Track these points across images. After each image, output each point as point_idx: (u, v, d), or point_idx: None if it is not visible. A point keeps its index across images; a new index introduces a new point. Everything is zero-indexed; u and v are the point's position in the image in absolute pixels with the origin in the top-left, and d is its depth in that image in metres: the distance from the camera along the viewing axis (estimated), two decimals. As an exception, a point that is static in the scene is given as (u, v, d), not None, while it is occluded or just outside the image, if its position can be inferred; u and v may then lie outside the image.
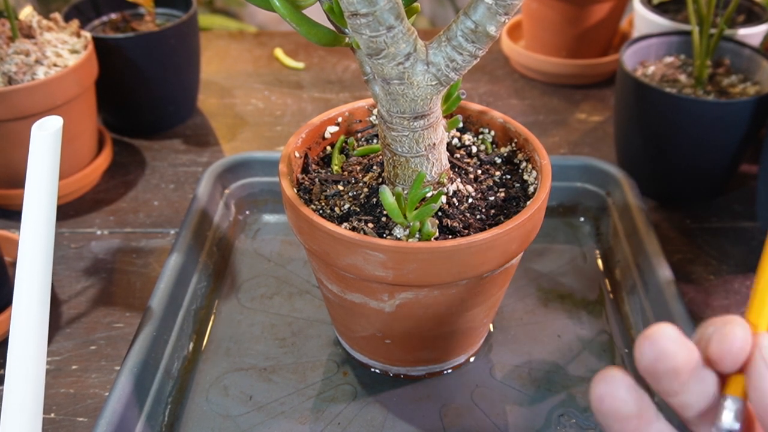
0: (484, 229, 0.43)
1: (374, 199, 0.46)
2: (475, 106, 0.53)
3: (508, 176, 0.50)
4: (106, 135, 0.77)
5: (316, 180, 0.49)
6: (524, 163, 0.50)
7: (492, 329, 0.56)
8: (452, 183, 0.46)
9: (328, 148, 0.53)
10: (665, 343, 0.27)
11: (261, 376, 0.53)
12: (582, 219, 0.67)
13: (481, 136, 0.53)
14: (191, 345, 0.55)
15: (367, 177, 0.48)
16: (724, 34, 0.72)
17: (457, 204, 0.46)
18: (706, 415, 0.29)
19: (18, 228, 0.64)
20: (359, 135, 0.54)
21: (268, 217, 0.68)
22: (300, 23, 0.41)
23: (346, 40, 0.43)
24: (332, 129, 0.53)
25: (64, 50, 0.68)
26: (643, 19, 0.81)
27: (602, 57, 0.92)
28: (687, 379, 0.28)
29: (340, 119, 0.53)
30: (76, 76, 0.66)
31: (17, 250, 0.39)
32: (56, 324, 0.58)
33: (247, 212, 0.69)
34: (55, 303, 0.60)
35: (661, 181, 0.70)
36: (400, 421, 0.49)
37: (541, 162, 0.47)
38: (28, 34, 0.68)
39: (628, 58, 0.72)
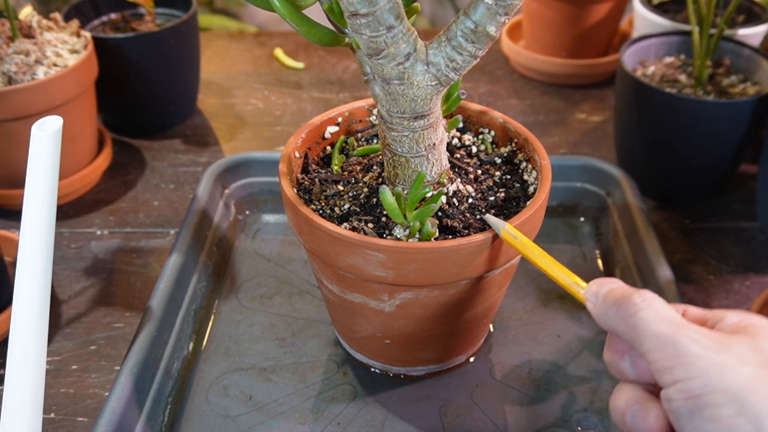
0: (484, 229, 0.43)
1: (374, 199, 0.46)
2: (475, 106, 0.53)
3: (508, 176, 0.50)
4: (106, 135, 0.77)
5: (316, 180, 0.49)
6: (524, 163, 0.50)
7: (492, 329, 0.56)
8: (452, 183, 0.46)
9: (328, 148, 0.53)
10: None
11: (261, 376, 0.53)
12: (582, 219, 0.67)
13: (481, 136, 0.53)
14: (191, 345, 0.55)
15: (367, 177, 0.48)
16: (724, 34, 0.72)
17: (457, 204, 0.46)
18: None
19: (18, 228, 0.64)
20: (359, 135, 0.54)
21: (268, 217, 0.68)
22: (300, 23, 0.41)
23: (346, 40, 0.43)
24: (332, 129, 0.53)
25: (64, 50, 0.68)
26: (643, 19, 0.81)
27: (602, 57, 0.92)
28: None
29: (340, 119, 0.53)
30: (76, 76, 0.66)
31: (17, 250, 0.39)
32: (56, 324, 0.58)
33: (247, 212, 0.69)
34: (55, 303, 0.60)
35: (661, 181, 0.70)
36: (400, 421, 0.49)
37: (541, 162, 0.47)
38: (28, 34, 0.68)
39: (628, 58, 0.72)
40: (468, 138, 0.52)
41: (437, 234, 0.44)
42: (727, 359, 0.30)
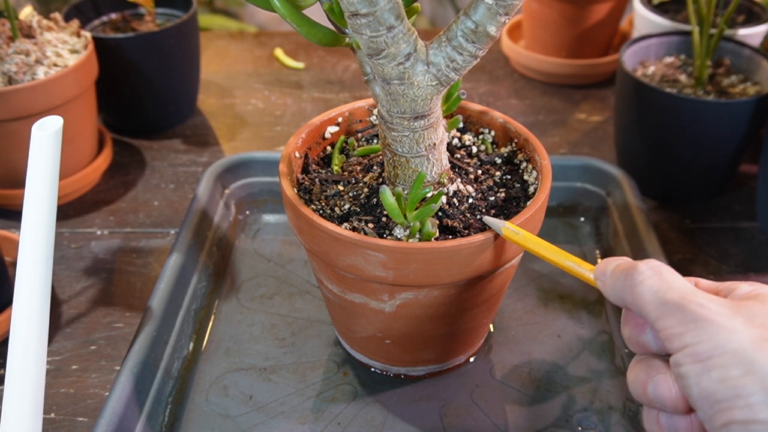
0: (485, 230, 0.43)
1: (374, 199, 0.46)
2: (476, 106, 0.53)
3: (509, 176, 0.50)
4: (106, 135, 0.77)
5: (317, 180, 0.49)
6: (524, 164, 0.50)
7: (492, 329, 0.56)
8: (452, 183, 0.46)
9: (328, 148, 0.53)
10: None
11: (261, 376, 0.53)
12: (582, 219, 0.67)
13: (481, 137, 0.53)
14: (191, 345, 0.55)
15: (368, 177, 0.48)
16: (724, 34, 0.72)
17: (457, 204, 0.46)
18: None
19: (18, 228, 0.64)
20: (359, 135, 0.54)
21: (268, 217, 0.68)
22: (300, 23, 0.41)
23: (346, 40, 0.43)
24: (332, 129, 0.53)
25: (64, 50, 0.68)
26: (643, 19, 0.81)
27: (602, 57, 0.92)
28: None
29: (340, 119, 0.53)
30: (76, 76, 0.66)
31: (17, 250, 0.39)
32: (56, 324, 0.58)
33: (247, 212, 0.69)
34: (55, 303, 0.60)
35: (661, 181, 0.70)
36: (400, 421, 0.49)
37: (541, 162, 0.47)
38: (28, 34, 0.68)
39: (628, 58, 0.72)
40: (468, 138, 0.53)
41: (437, 234, 0.44)
42: (735, 323, 0.30)
